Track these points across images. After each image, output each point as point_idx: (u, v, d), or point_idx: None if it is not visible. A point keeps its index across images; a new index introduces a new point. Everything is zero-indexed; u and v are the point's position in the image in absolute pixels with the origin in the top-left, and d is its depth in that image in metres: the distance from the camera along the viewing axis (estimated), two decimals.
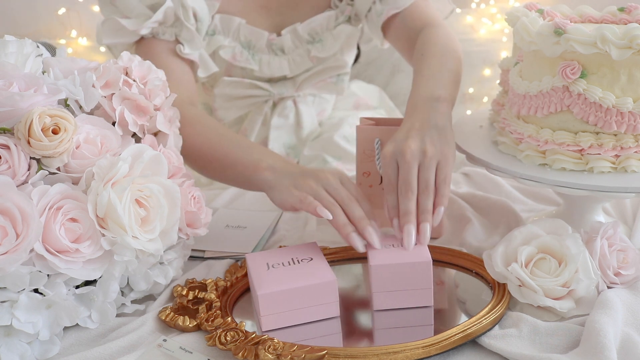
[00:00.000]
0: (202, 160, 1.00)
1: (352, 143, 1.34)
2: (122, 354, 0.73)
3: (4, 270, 0.68)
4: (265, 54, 1.24)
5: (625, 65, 0.80)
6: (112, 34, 1.09)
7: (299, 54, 1.25)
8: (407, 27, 1.14)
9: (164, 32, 1.10)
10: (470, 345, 0.73)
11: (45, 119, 0.73)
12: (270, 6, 1.22)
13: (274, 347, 0.69)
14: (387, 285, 0.78)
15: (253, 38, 1.22)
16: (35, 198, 0.71)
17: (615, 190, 0.81)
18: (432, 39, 1.05)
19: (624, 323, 0.73)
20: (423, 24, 1.12)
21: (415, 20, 1.14)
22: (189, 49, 1.11)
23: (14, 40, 0.79)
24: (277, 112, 1.33)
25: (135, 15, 1.09)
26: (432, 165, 0.83)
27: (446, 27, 1.12)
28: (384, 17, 1.16)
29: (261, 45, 1.23)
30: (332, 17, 1.24)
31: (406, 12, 1.15)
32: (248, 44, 1.23)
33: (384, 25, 1.18)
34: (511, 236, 0.82)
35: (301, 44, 1.25)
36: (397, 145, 0.85)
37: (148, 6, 1.09)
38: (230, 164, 0.95)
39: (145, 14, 1.09)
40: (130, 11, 1.09)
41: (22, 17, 1.97)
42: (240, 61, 1.23)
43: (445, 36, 1.07)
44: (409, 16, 1.15)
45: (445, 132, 0.86)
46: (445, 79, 0.95)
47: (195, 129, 1.01)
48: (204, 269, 0.92)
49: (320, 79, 1.30)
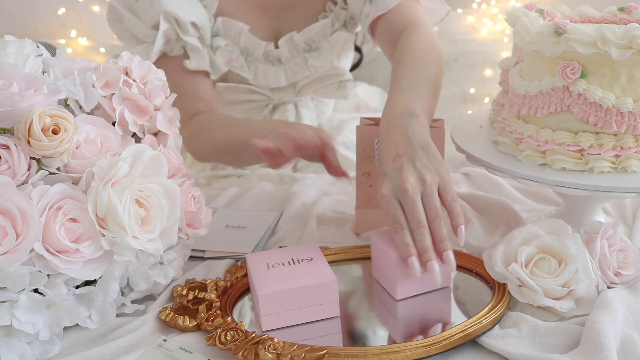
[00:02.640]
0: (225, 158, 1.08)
1: (352, 149, 1.34)
2: (122, 354, 0.73)
3: (4, 270, 0.68)
4: (262, 64, 1.25)
5: (625, 65, 0.80)
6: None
7: (295, 62, 1.26)
8: (390, 28, 1.11)
9: (172, 49, 1.15)
10: (470, 345, 0.73)
11: (45, 119, 0.73)
12: (268, 7, 1.22)
13: (274, 347, 0.69)
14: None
15: (251, 46, 1.22)
16: (35, 198, 0.71)
17: (615, 190, 0.81)
18: (411, 44, 1.01)
19: (624, 323, 0.73)
20: (405, 26, 1.09)
21: (398, 21, 1.10)
22: (196, 61, 1.15)
23: (14, 40, 0.79)
24: (277, 115, 1.33)
25: (143, 36, 1.14)
26: (434, 191, 0.79)
27: (429, 27, 1.08)
28: (370, 19, 1.14)
29: (258, 54, 1.23)
30: (328, 25, 1.23)
31: (390, 13, 1.12)
32: (246, 51, 1.23)
33: (371, 27, 1.16)
34: (511, 236, 0.82)
35: (298, 53, 1.25)
36: (394, 182, 0.79)
37: (151, 27, 1.13)
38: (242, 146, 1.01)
39: (151, 34, 1.13)
40: (137, 31, 1.14)
41: (21, 17, 1.97)
42: (235, 67, 1.23)
43: (427, 39, 1.03)
44: (392, 17, 1.12)
45: (431, 150, 0.82)
46: (422, 90, 0.91)
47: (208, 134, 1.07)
48: (204, 269, 0.92)
49: (321, 85, 1.30)
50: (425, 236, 0.77)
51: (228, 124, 1.09)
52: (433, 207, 0.78)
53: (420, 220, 0.77)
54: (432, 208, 0.78)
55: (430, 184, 0.79)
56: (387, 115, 0.87)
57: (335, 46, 1.25)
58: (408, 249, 0.77)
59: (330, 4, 1.23)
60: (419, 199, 0.78)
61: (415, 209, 0.78)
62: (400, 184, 0.78)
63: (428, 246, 0.77)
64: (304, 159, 0.96)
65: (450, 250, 0.78)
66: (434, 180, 0.79)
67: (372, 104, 1.54)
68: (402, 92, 0.90)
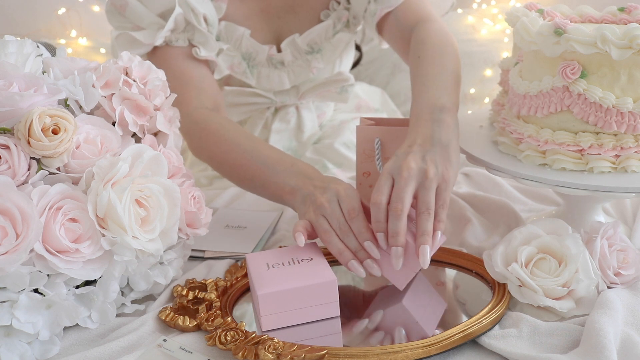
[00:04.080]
0: (234, 179, 1.02)
1: (352, 150, 1.34)
2: (122, 354, 0.72)
3: (4, 271, 0.68)
4: (265, 67, 1.24)
5: (625, 65, 0.80)
6: (126, 47, 1.09)
7: (298, 65, 1.25)
8: (400, 25, 1.12)
9: (177, 39, 1.11)
10: (470, 345, 0.73)
11: (45, 119, 0.73)
12: (270, 11, 1.22)
13: (274, 347, 0.69)
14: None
15: (254, 51, 1.22)
16: (35, 198, 0.71)
17: (615, 190, 0.81)
18: (427, 38, 1.02)
19: (624, 323, 0.73)
20: (416, 21, 1.09)
21: (407, 17, 1.11)
22: (205, 51, 1.12)
23: (14, 40, 0.79)
24: (278, 117, 1.33)
25: (147, 25, 1.10)
26: (433, 187, 0.79)
27: (440, 21, 1.09)
28: (378, 17, 1.14)
29: (261, 59, 1.23)
30: (330, 27, 1.23)
31: (399, 9, 1.12)
32: (248, 56, 1.22)
33: (379, 25, 1.16)
34: (511, 236, 0.82)
35: (300, 55, 1.25)
36: (397, 161, 0.81)
37: (158, 14, 1.09)
38: (260, 185, 0.97)
39: (156, 22, 1.09)
40: (141, 21, 1.09)
41: (21, 17, 1.97)
42: (238, 73, 1.23)
43: (440, 32, 1.03)
44: (401, 13, 1.12)
45: (449, 151, 0.83)
46: (447, 84, 0.92)
47: (222, 148, 1.01)
48: (204, 269, 0.92)
49: (325, 89, 1.30)
50: (401, 221, 0.78)
51: (246, 148, 1.00)
52: (426, 201, 0.79)
53: (403, 202, 0.78)
54: (425, 202, 0.79)
55: (430, 179, 0.79)
56: (416, 109, 0.88)
57: (338, 47, 1.25)
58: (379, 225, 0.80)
59: (334, 2, 1.23)
60: (412, 185, 0.79)
61: (402, 191, 0.79)
62: (401, 165, 0.80)
63: (399, 231, 0.78)
64: None
65: (429, 246, 0.78)
66: (435, 177, 0.80)
67: (372, 104, 1.53)
68: (428, 87, 0.91)
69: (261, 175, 0.96)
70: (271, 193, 0.95)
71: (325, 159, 1.33)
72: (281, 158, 0.96)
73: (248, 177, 0.98)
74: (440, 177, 0.80)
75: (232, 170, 1.01)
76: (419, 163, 0.80)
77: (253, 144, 1.00)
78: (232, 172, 1.01)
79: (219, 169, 1.03)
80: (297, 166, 0.94)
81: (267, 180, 0.95)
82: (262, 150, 0.98)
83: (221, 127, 1.04)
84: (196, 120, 1.06)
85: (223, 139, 1.02)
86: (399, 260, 0.79)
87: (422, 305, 0.81)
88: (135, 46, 1.09)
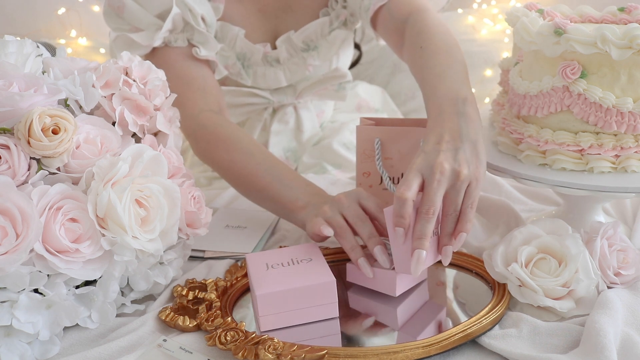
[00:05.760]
0: (240, 187, 1.02)
1: (351, 150, 1.33)
2: (122, 354, 0.72)
3: (4, 271, 0.68)
4: (260, 66, 1.24)
5: (625, 65, 0.80)
6: (125, 49, 1.08)
7: (294, 62, 1.25)
8: (393, 17, 1.09)
9: (176, 39, 1.10)
10: (470, 345, 0.73)
11: (45, 119, 0.73)
12: (266, 10, 1.22)
13: (274, 347, 0.69)
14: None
15: (248, 51, 1.21)
16: (35, 198, 0.71)
17: (615, 190, 0.81)
18: (426, 28, 0.99)
19: (624, 323, 0.73)
20: (409, 11, 1.06)
21: (400, 9, 1.08)
22: (205, 50, 1.11)
23: (14, 40, 0.79)
24: (277, 118, 1.33)
25: (145, 26, 1.09)
26: (463, 188, 0.77)
27: (433, 11, 1.06)
28: (372, 11, 1.13)
29: (256, 59, 1.23)
30: (326, 24, 1.23)
31: (392, 2, 1.10)
32: (243, 56, 1.22)
33: (373, 19, 1.15)
34: (511, 236, 0.82)
35: (296, 53, 1.24)
36: (429, 160, 0.77)
37: (156, 15, 1.09)
38: (269, 197, 0.97)
39: (155, 23, 1.09)
40: (139, 22, 1.09)
41: (21, 17, 1.97)
42: (233, 74, 1.22)
43: (438, 22, 1.01)
44: (394, 6, 1.09)
45: (478, 147, 0.79)
46: (461, 75, 0.87)
47: (233, 156, 1.01)
48: (204, 269, 0.92)
49: (322, 87, 1.30)
50: (430, 223, 0.75)
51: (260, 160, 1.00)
52: (456, 203, 0.77)
53: (435, 205, 0.75)
54: (454, 204, 0.77)
55: (462, 181, 0.76)
56: (436, 102, 0.84)
57: (334, 45, 1.25)
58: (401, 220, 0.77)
59: (333, 1, 1.22)
60: (445, 187, 0.76)
61: (435, 194, 0.75)
62: (434, 164, 0.76)
63: (427, 234, 0.75)
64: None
65: (451, 246, 0.78)
66: (467, 178, 0.77)
67: (373, 104, 1.53)
68: (444, 79, 0.86)
69: (272, 189, 0.96)
70: (280, 206, 0.96)
71: (324, 161, 1.33)
72: (296, 177, 0.98)
73: (257, 188, 0.99)
74: (472, 176, 0.78)
75: (240, 179, 1.01)
76: (451, 164, 0.76)
77: (267, 157, 1.00)
78: (239, 181, 1.01)
79: (225, 175, 1.04)
80: (311, 186, 0.96)
81: (279, 193, 0.96)
82: (277, 165, 0.99)
83: (233, 135, 1.04)
84: (204, 123, 1.06)
85: (234, 147, 1.02)
86: (418, 266, 0.75)
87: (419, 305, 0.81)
88: (134, 48, 1.09)
